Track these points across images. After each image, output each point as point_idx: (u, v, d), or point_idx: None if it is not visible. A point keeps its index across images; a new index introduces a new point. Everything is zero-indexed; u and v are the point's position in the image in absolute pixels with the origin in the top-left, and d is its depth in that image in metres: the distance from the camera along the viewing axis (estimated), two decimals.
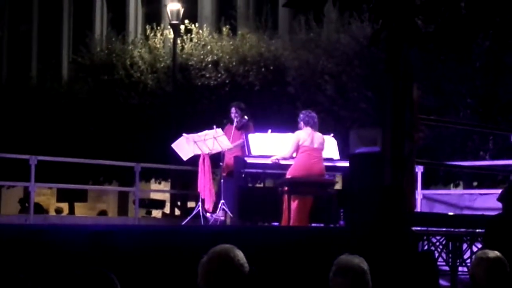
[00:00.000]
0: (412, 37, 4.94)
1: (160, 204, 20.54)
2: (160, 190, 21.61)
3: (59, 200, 25.25)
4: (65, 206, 23.56)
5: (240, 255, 3.16)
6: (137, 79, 18.31)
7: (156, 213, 21.39)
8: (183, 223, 10.53)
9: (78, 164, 15.46)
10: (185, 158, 10.51)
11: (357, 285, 3.80)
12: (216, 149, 10.20)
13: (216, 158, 10.61)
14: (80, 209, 24.86)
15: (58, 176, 15.96)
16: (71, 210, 22.57)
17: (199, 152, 10.30)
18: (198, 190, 10.28)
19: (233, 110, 10.46)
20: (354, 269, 3.82)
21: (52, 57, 25.65)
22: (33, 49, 27.89)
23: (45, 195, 25.71)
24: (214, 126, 10.22)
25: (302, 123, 9.17)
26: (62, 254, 5.02)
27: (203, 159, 10.27)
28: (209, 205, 10.22)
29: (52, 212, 22.71)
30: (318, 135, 9.12)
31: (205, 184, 10.17)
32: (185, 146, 10.34)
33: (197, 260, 3.18)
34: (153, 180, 20.41)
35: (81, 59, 19.77)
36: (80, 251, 5.08)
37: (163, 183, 21.11)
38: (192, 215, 10.40)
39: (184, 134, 10.47)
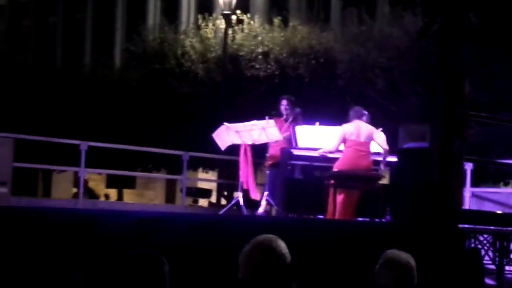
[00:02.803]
0: (463, 31, 4.89)
1: (206, 193, 20.69)
2: (207, 179, 21.77)
3: (108, 186, 25.64)
4: (113, 192, 23.92)
5: (282, 245, 3.18)
6: (187, 68, 18.44)
7: (203, 202, 21.56)
8: (220, 213, 10.56)
9: (127, 151, 15.65)
10: (222, 148, 10.39)
11: (403, 279, 3.80)
12: (262, 140, 10.13)
13: (258, 149, 10.55)
14: (129, 196, 25.19)
15: (108, 163, 16.19)
16: (120, 196, 22.88)
17: (238, 142, 10.19)
18: (241, 180, 10.24)
19: (283, 102, 10.40)
20: (402, 263, 3.82)
21: (105, 45, 26.00)
22: (87, 37, 28.30)
23: (94, 180, 26.11)
24: (266, 117, 10.13)
25: (350, 118, 9.16)
26: (109, 239, 5.10)
27: (245, 149, 10.16)
28: (254, 195, 10.20)
29: (102, 198, 23.07)
30: (365, 127, 9.05)
31: (248, 175, 10.13)
32: (224, 135, 10.25)
33: (240, 249, 3.20)
34: (200, 169, 20.56)
35: (133, 48, 19.99)
36: (127, 237, 5.15)
37: (210, 172, 21.26)
38: (230, 205, 10.40)
39: (225, 123, 10.38)
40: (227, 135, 10.25)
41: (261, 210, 10.02)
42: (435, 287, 5.79)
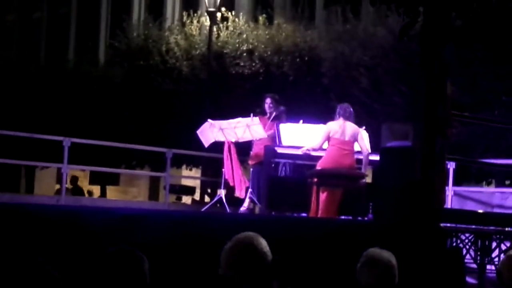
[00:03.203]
0: (445, 32, 4.92)
1: (190, 190, 20.65)
2: (191, 177, 21.74)
3: (91, 182, 25.53)
4: (97, 189, 23.81)
5: (263, 243, 3.18)
6: (172, 65, 18.40)
7: (186, 199, 21.52)
8: (202, 210, 10.57)
9: (111, 148, 15.61)
10: (206, 145, 10.41)
11: (384, 278, 3.82)
12: (246, 137, 10.15)
13: (241, 147, 10.57)
14: (112, 192, 25.11)
15: (91, 159, 16.13)
16: (103, 193, 22.80)
17: (222, 139, 10.20)
18: (226, 177, 10.24)
19: (267, 100, 10.42)
20: (383, 262, 3.84)
21: (89, 41, 25.89)
22: (71, 32, 28.17)
23: (77, 177, 25.99)
24: (251, 115, 10.15)
25: (337, 116, 9.16)
26: (92, 236, 5.09)
27: (229, 147, 10.17)
28: (240, 192, 10.20)
29: (85, 194, 22.97)
30: (350, 126, 9.08)
31: (234, 172, 10.14)
32: (208, 132, 10.25)
33: (222, 247, 3.21)
34: (184, 166, 20.53)
35: (117, 44, 19.92)
36: (109, 234, 5.14)
37: (194, 169, 21.23)
38: (212, 202, 10.42)
39: (209, 120, 10.39)
40: (211, 132, 10.25)
41: (244, 207, 10.03)
42: (416, 286, 5.82)
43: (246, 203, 10.04)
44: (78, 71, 20.18)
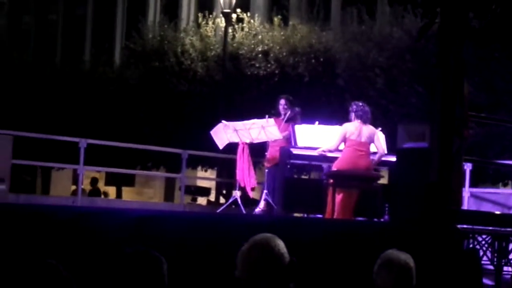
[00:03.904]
0: (463, 32, 4.89)
1: (205, 191, 20.68)
2: (206, 178, 21.75)
3: (107, 184, 25.60)
4: (112, 190, 23.89)
5: (281, 244, 3.16)
6: (187, 66, 18.42)
7: (202, 200, 21.55)
8: (218, 211, 10.57)
9: (126, 149, 15.64)
10: (220, 146, 10.36)
11: (401, 280, 3.79)
12: (261, 138, 10.12)
13: (256, 149, 10.55)
14: (127, 193, 25.17)
15: (107, 160, 16.18)
16: (119, 194, 22.87)
17: (236, 140, 10.18)
18: (237, 178, 10.23)
19: (282, 102, 10.39)
20: (400, 264, 3.81)
21: (105, 42, 25.97)
22: (87, 33, 28.26)
23: (97, 178, 26.07)
24: (266, 116, 10.12)
25: (353, 115, 9.10)
26: (107, 237, 5.10)
27: (243, 148, 10.15)
28: (249, 191, 10.18)
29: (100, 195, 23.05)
30: (367, 128, 9.05)
31: (244, 172, 10.11)
32: (222, 133, 10.22)
33: (239, 248, 3.20)
34: (199, 167, 20.55)
35: (133, 45, 19.96)
36: (125, 235, 5.15)
37: (209, 171, 21.24)
38: (228, 203, 10.42)
39: (223, 121, 10.36)
40: (225, 133, 10.24)
41: (259, 208, 10.02)
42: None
43: (261, 205, 10.03)
44: (94, 73, 20.25)
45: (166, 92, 18.32)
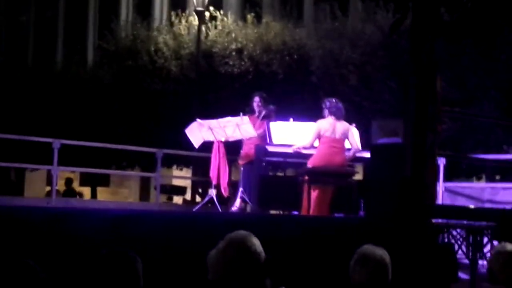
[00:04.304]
0: (435, 27, 4.92)
1: (181, 190, 20.63)
2: (181, 177, 21.70)
3: (81, 184, 25.45)
4: (87, 190, 23.75)
5: (256, 243, 3.16)
6: (161, 65, 18.36)
7: (177, 199, 21.50)
8: (194, 209, 10.56)
9: (101, 149, 15.55)
10: (196, 145, 10.35)
11: (377, 275, 3.81)
12: (235, 136, 10.12)
13: (231, 147, 10.54)
14: (102, 194, 25.05)
15: (81, 161, 16.08)
16: (94, 195, 22.74)
17: (211, 139, 10.17)
18: (211, 176, 10.20)
19: (256, 99, 10.40)
20: (376, 260, 3.83)
21: (77, 43, 25.79)
22: (59, 34, 28.05)
23: (72, 179, 25.90)
24: (241, 114, 10.13)
25: (327, 111, 9.13)
26: (83, 238, 5.07)
27: (218, 146, 10.14)
28: (225, 192, 10.18)
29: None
30: (341, 124, 9.09)
31: (221, 171, 10.10)
32: (197, 132, 10.20)
33: (215, 246, 3.19)
34: (174, 166, 20.50)
35: (106, 45, 19.85)
36: (101, 235, 5.12)
37: (184, 169, 21.20)
38: (204, 202, 10.40)
39: (197, 119, 10.35)
40: (200, 131, 10.22)
41: (235, 207, 10.02)
42: (409, 282, 5.82)
43: (237, 203, 10.03)
44: (67, 73, 20.11)
45: (140, 91, 18.24)
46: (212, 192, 10.12)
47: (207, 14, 17.60)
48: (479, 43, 6.62)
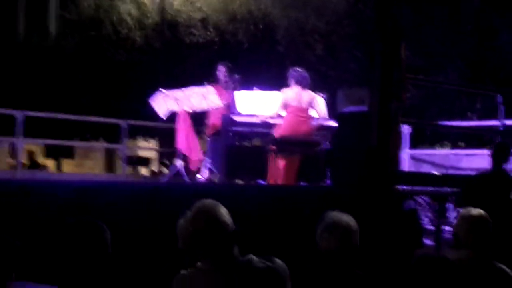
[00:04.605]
0: None
1: (147, 161, 20.55)
2: (147, 148, 21.61)
3: (46, 156, 25.21)
4: (52, 163, 23.54)
5: (224, 213, 3.17)
6: (124, 35, 18.16)
7: (144, 171, 21.42)
8: (161, 180, 10.54)
9: (65, 121, 15.40)
10: (162, 116, 10.29)
11: (344, 241, 3.85)
12: (202, 107, 10.09)
13: (197, 117, 10.51)
14: (68, 166, 24.85)
15: (46, 132, 15.91)
16: (58, 167, 22.57)
17: (176, 109, 10.12)
18: (179, 147, 10.15)
19: (221, 69, 10.36)
20: (343, 226, 3.87)
21: (39, 13, 25.36)
22: (20, 4, 27.55)
23: (33, 151, 25.64)
24: (205, 83, 10.10)
25: (292, 81, 9.13)
26: (49, 210, 5.04)
27: (184, 117, 10.10)
28: (195, 165, 10.17)
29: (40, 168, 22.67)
30: (307, 94, 9.10)
31: (190, 143, 10.07)
32: (162, 103, 10.12)
33: (182, 216, 3.19)
34: (140, 137, 20.39)
35: (68, 15, 19.56)
36: (67, 207, 5.09)
37: (150, 141, 21.10)
38: (171, 173, 10.38)
39: (161, 90, 10.26)
40: (165, 102, 10.15)
41: (203, 178, 10.02)
42: (375, 248, 5.89)
43: (205, 173, 10.03)
44: (29, 44, 19.81)
45: (104, 62, 18.04)
46: (180, 163, 10.10)
47: None
48: (443, 10, 6.67)
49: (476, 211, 4.23)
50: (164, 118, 10.37)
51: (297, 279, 3.38)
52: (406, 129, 11.52)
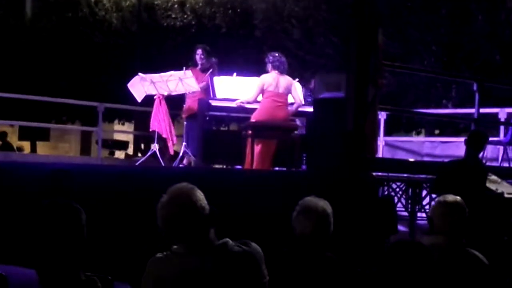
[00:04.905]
0: None
1: (123, 145, 20.46)
2: (123, 131, 21.52)
3: (21, 138, 25.02)
4: (27, 145, 23.37)
5: (200, 196, 3.17)
6: (101, 17, 18.03)
7: (119, 154, 21.33)
8: (137, 163, 10.51)
9: (40, 102, 15.28)
10: (139, 99, 10.28)
11: (319, 226, 3.88)
12: (179, 90, 10.07)
13: (174, 101, 10.49)
14: (43, 148, 24.69)
15: (21, 114, 15.78)
16: (33, 149, 22.41)
17: (154, 93, 10.11)
18: (157, 130, 10.14)
19: (198, 51, 10.33)
20: (318, 211, 3.89)
21: None
22: None
23: (6, 132, 25.43)
24: (184, 68, 10.07)
25: (270, 65, 9.12)
26: (23, 192, 5.01)
27: (159, 101, 10.09)
28: (170, 149, 10.16)
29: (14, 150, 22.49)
30: (284, 79, 9.10)
31: (166, 126, 10.06)
32: (139, 86, 10.12)
33: (158, 200, 3.19)
34: (116, 121, 20.29)
35: None
36: (41, 189, 5.07)
37: (126, 124, 21.02)
38: (146, 156, 10.36)
39: (139, 74, 10.26)
40: (142, 85, 10.12)
41: (182, 164, 10.01)
42: (350, 233, 5.93)
43: (184, 159, 10.02)
44: (5, 25, 19.58)
45: (80, 44, 17.91)
46: (155, 146, 10.08)
47: None
48: None
49: (452, 197, 4.27)
50: (139, 101, 10.34)
51: (272, 262, 3.40)
52: (381, 116, 11.57)
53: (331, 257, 3.89)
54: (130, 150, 20.36)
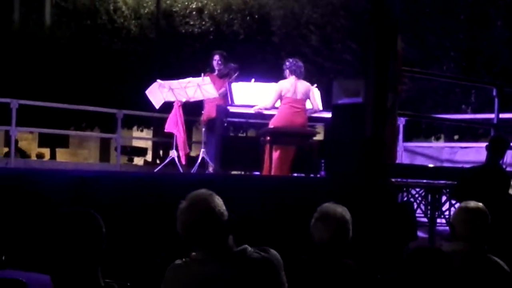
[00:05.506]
0: None
1: (142, 151, 20.55)
2: (142, 138, 21.60)
3: (40, 145, 25.20)
4: (46, 151, 23.52)
5: (219, 203, 3.16)
6: (120, 25, 18.12)
7: (138, 161, 21.42)
8: (155, 170, 10.52)
9: (60, 110, 15.37)
10: (157, 106, 10.28)
11: (338, 233, 3.85)
12: (197, 97, 10.08)
13: (193, 107, 10.50)
14: (62, 155, 24.83)
15: (40, 121, 15.87)
16: (53, 156, 22.54)
17: (172, 99, 10.11)
18: (169, 131, 10.12)
19: (216, 57, 10.35)
20: (337, 217, 3.87)
21: (35, 1, 25.26)
22: None
23: (26, 140, 25.62)
24: (202, 74, 10.08)
25: (287, 71, 9.10)
26: (42, 198, 5.02)
27: (178, 107, 10.09)
28: (182, 158, 10.14)
29: (34, 157, 22.67)
30: (302, 84, 9.08)
31: (181, 133, 10.05)
32: (157, 93, 10.12)
33: (177, 206, 3.18)
34: (135, 127, 20.37)
35: (64, 3, 19.50)
36: (60, 196, 5.08)
37: (145, 130, 21.08)
38: (165, 163, 10.37)
39: (158, 80, 10.27)
40: (161, 92, 10.14)
41: (199, 167, 10.02)
42: (369, 240, 5.90)
43: (199, 163, 10.03)
44: (24, 33, 19.73)
45: (99, 51, 18.01)
46: (174, 153, 10.09)
47: None
48: (438, 2, 6.66)
49: (474, 203, 4.22)
50: (157, 107, 10.36)
51: (291, 269, 3.39)
52: (400, 122, 11.53)
53: (350, 264, 3.87)
54: (149, 157, 20.41)
